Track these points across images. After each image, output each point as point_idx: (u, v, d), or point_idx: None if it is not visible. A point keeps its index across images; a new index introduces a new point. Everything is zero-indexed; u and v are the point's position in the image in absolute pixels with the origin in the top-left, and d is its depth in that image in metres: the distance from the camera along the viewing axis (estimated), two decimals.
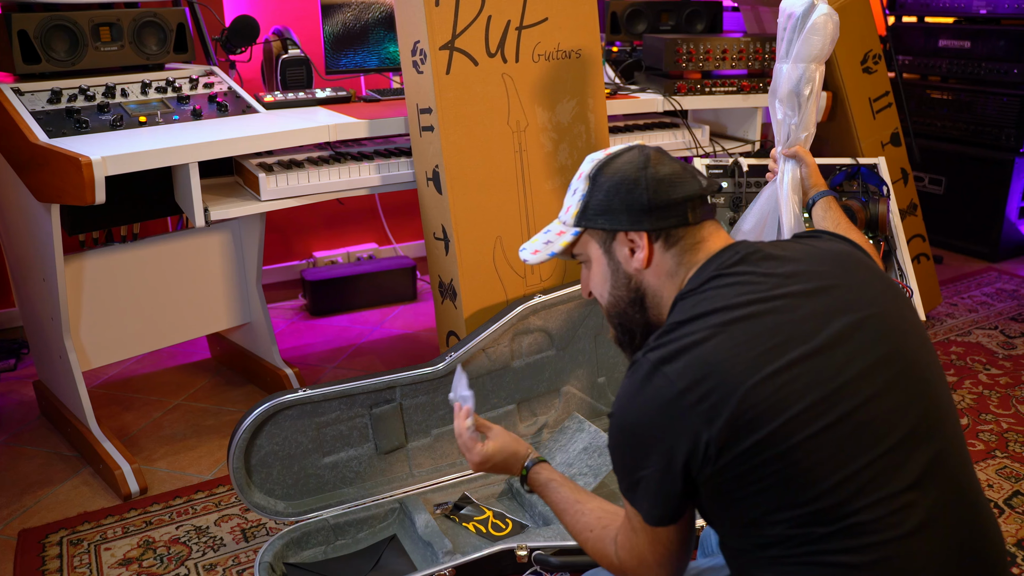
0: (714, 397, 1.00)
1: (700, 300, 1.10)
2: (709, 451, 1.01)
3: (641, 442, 1.06)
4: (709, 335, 1.04)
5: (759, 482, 1.01)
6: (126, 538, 2.10)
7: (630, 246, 1.21)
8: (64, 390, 2.46)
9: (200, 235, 2.67)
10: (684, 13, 3.32)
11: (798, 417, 1.00)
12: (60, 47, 2.30)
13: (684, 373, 1.02)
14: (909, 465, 1.02)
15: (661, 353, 1.05)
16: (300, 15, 3.42)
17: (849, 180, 2.43)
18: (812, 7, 1.81)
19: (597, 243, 1.25)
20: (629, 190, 1.20)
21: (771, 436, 0.99)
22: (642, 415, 1.05)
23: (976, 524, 1.08)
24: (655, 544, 1.12)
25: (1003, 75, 3.86)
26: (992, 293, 3.63)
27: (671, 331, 1.08)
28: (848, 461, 1.00)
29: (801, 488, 1.00)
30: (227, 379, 2.95)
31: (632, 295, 1.22)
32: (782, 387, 1.01)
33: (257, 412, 1.89)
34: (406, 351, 3.18)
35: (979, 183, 4.01)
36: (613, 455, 1.12)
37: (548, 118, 2.29)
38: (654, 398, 1.04)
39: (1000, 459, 2.39)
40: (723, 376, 1.01)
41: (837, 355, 1.04)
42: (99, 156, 1.92)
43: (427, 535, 1.90)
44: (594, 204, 1.23)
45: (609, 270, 1.24)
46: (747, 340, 1.03)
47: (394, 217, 3.93)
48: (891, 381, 1.06)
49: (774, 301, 1.07)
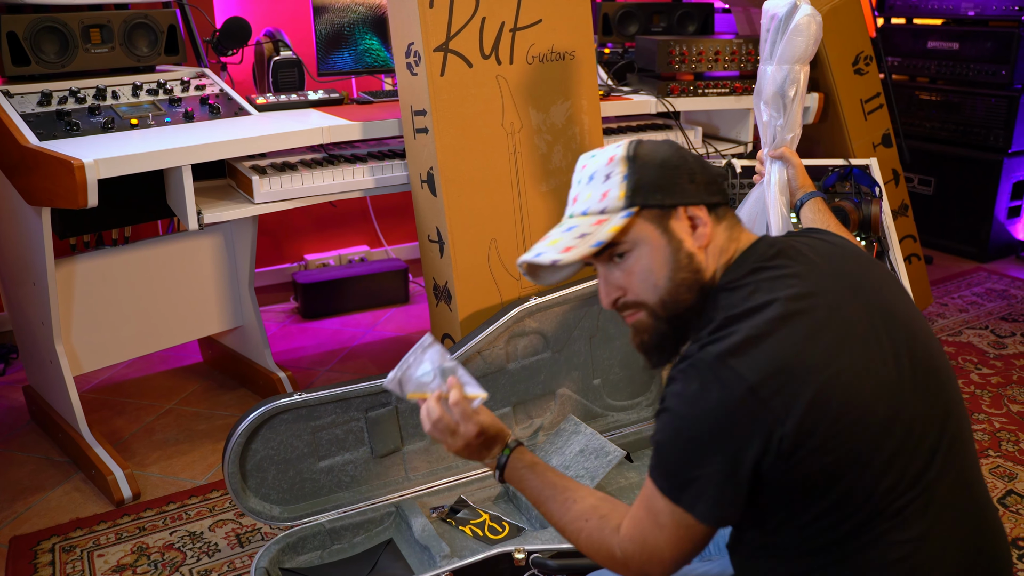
0: (787, 392, 0.98)
1: (749, 294, 1.06)
2: (783, 447, 0.98)
3: (705, 441, 1.00)
4: (772, 328, 1.01)
5: (819, 482, 1.00)
6: (119, 544, 2.08)
7: (691, 222, 1.14)
8: (55, 395, 2.44)
9: (192, 238, 2.66)
10: (676, 15, 3.32)
11: (866, 414, 1.00)
12: (50, 49, 2.28)
13: (754, 367, 0.98)
14: (935, 464, 1.04)
15: (723, 347, 1.01)
16: (291, 17, 3.40)
17: (841, 181, 2.44)
18: (795, 8, 1.81)
19: (652, 224, 1.13)
20: (678, 165, 1.15)
21: (840, 433, 0.99)
22: (709, 413, 0.99)
23: (981, 514, 1.10)
24: (684, 539, 1.06)
25: (991, 76, 3.89)
26: (982, 293, 3.66)
27: (726, 325, 1.03)
28: (900, 461, 1.01)
29: (856, 488, 1.00)
30: (219, 383, 2.93)
31: (694, 277, 1.13)
32: (851, 382, 1.00)
33: (252, 416, 1.87)
34: (399, 354, 3.12)
35: (968, 184, 4.03)
36: (663, 451, 1.05)
37: (542, 120, 2.29)
38: (724, 395, 0.98)
39: (993, 458, 2.40)
40: (796, 370, 0.99)
41: (878, 354, 1.05)
42: (91, 159, 1.90)
43: (424, 539, 1.89)
44: (647, 181, 1.14)
45: (669, 250, 1.13)
46: (810, 335, 1.01)
47: (385, 219, 3.92)
48: (919, 379, 1.07)
49: (820, 297, 1.06)
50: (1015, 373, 2.90)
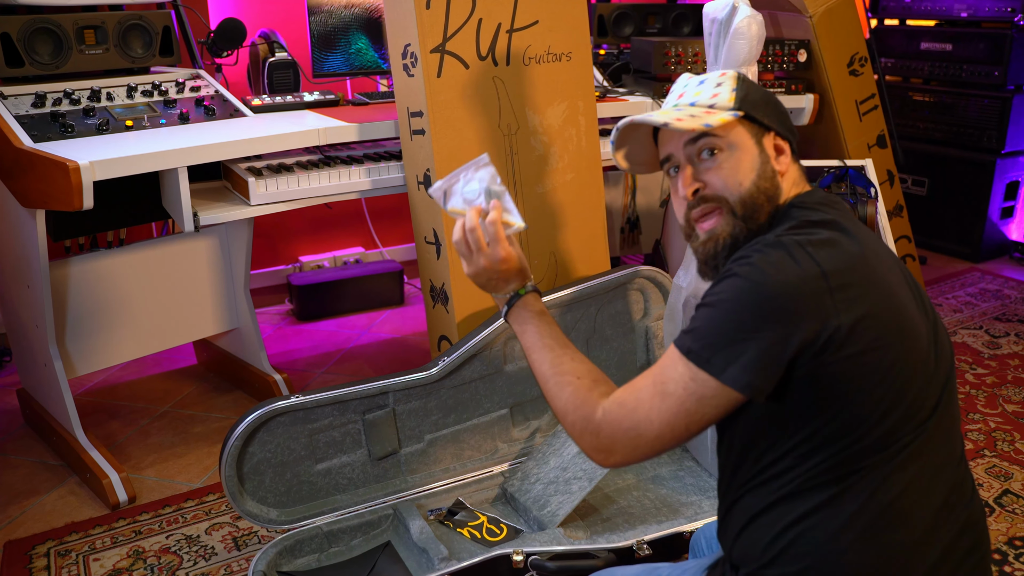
0: (856, 289, 1.03)
1: (824, 212, 1.14)
2: (836, 337, 1.01)
3: (765, 305, 1.02)
4: (846, 239, 1.08)
5: (853, 390, 1.03)
6: (115, 548, 2.07)
7: (777, 150, 1.24)
8: (49, 398, 2.42)
9: (187, 240, 2.65)
10: (670, 16, 3.33)
11: (905, 340, 1.06)
12: (44, 50, 2.27)
13: (830, 259, 1.04)
14: (935, 413, 1.09)
15: (803, 237, 1.07)
16: (286, 18, 3.40)
17: (837, 182, 2.45)
18: (734, 11, 1.79)
19: (749, 134, 1.22)
20: (775, 102, 1.26)
21: (881, 346, 1.03)
22: (779, 281, 1.02)
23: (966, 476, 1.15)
24: (683, 414, 1.06)
25: (984, 77, 3.90)
26: (976, 293, 3.67)
27: (805, 226, 1.11)
28: (914, 400, 1.06)
29: (877, 411, 1.04)
30: (214, 385, 2.92)
31: (773, 189, 1.20)
32: (902, 309, 1.07)
33: (249, 419, 1.87)
34: (395, 355, 3.16)
35: (961, 184, 4.05)
36: (715, 311, 1.06)
37: (539, 121, 2.29)
38: (797, 270, 1.03)
39: (989, 458, 2.41)
40: (868, 274, 1.06)
41: (915, 302, 1.12)
42: (87, 161, 1.89)
43: (422, 541, 1.89)
44: (755, 98, 1.24)
45: (760, 160, 1.21)
46: (878, 253, 1.10)
47: (380, 221, 3.91)
48: (936, 337, 1.13)
49: (870, 238, 1.14)
50: (1010, 373, 2.91)
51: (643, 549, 1.82)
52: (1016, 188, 4.06)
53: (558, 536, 1.87)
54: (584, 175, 2.37)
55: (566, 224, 2.36)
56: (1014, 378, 2.88)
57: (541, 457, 2.18)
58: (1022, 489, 2.26)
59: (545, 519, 1.96)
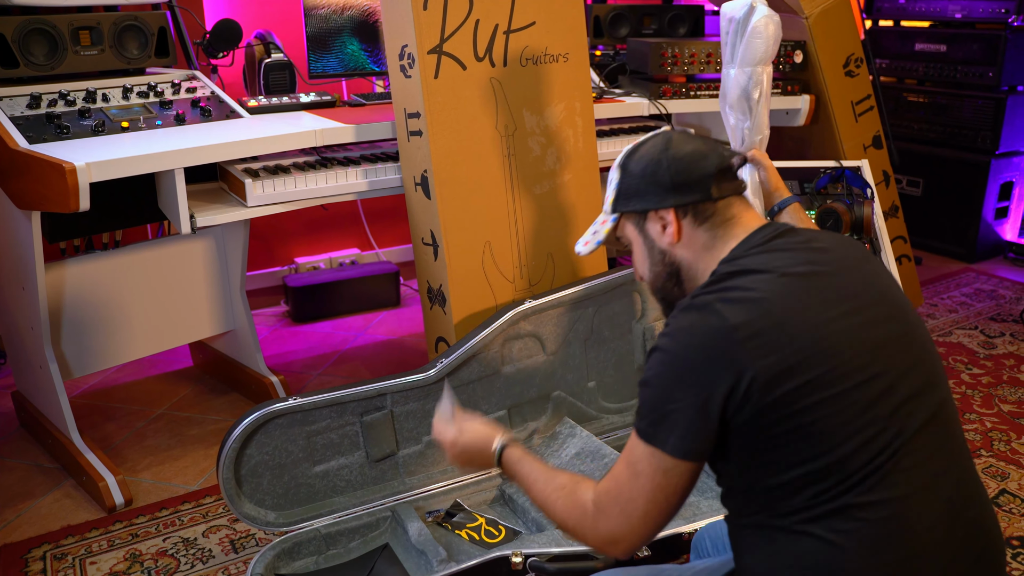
0: (765, 337, 1.06)
1: (746, 261, 1.17)
2: (752, 389, 1.04)
3: (684, 372, 1.09)
4: (761, 286, 1.11)
5: (793, 431, 1.05)
6: (112, 551, 2.06)
7: (661, 223, 1.28)
8: (44, 401, 2.41)
9: (183, 242, 2.64)
10: (666, 17, 3.33)
11: (839, 368, 1.06)
12: (39, 51, 2.26)
13: (738, 312, 1.07)
14: (914, 426, 1.09)
15: (715, 296, 1.11)
16: (282, 19, 3.39)
17: (833, 183, 2.45)
18: (752, 10, 1.81)
19: (633, 225, 1.33)
20: (653, 171, 1.28)
21: (814, 382, 1.05)
22: (689, 346, 1.09)
23: (969, 484, 1.14)
24: (658, 489, 1.11)
25: (978, 78, 3.91)
26: (971, 293, 3.68)
27: (720, 281, 1.14)
28: (871, 423, 1.06)
29: (828, 440, 1.05)
30: (210, 387, 2.91)
31: (668, 269, 1.29)
32: (829, 336, 1.08)
33: (247, 421, 1.86)
34: (392, 357, 3.16)
35: (956, 185, 4.06)
36: (647, 389, 1.12)
37: (536, 122, 2.29)
38: (705, 330, 1.08)
39: (986, 458, 2.41)
40: (775, 319, 1.07)
41: (869, 317, 1.12)
42: (83, 162, 1.89)
43: (420, 543, 1.88)
44: (625, 189, 1.32)
45: (646, 248, 1.31)
46: (797, 292, 1.11)
47: (376, 222, 3.90)
48: (907, 348, 1.13)
49: (815, 265, 1.15)
50: (1005, 373, 2.92)
51: (642, 550, 1.82)
52: (1010, 188, 4.07)
53: (557, 537, 1.86)
54: (581, 176, 2.37)
55: (564, 225, 2.36)
56: (1010, 378, 2.89)
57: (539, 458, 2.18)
58: (1019, 488, 2.27)
59: (543, 520, 1.96)
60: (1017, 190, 4.11)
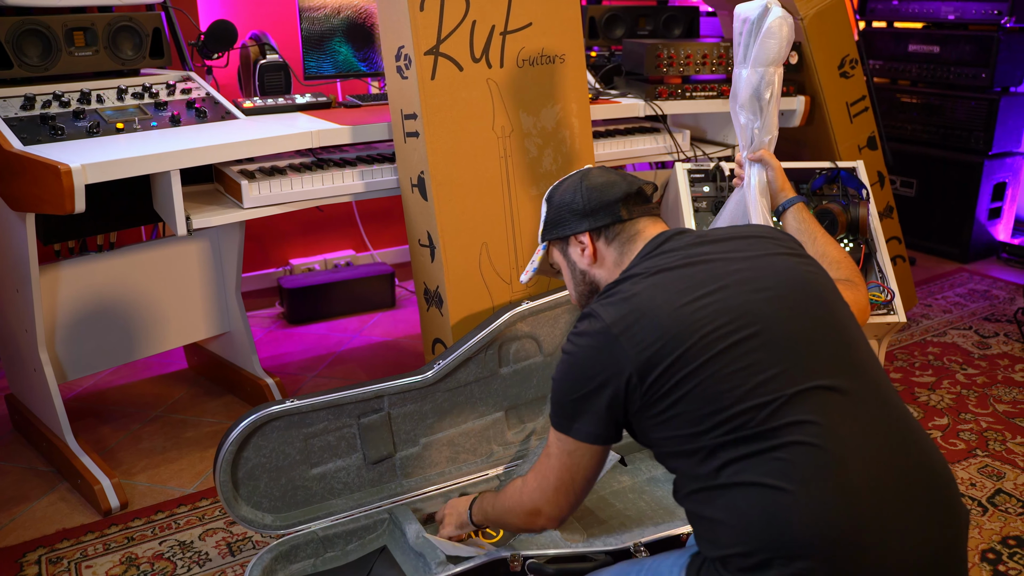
0: (635, 328, 1.23)
1: (634, 270, 1.35)
2: (632, 380, 1.22)
3: (579, 369, 1.29)
4: (635, 286, 1.29)
5: (680, 402, 1.19)
6: (108, 555, 2.05)
7: (580, 247, 1.47)
8: (38, 403, 2.40)
9: (178, 244, 2.63)
10: (662, 18, 3.34)
11: (708, 336, 1.19)
12: (33, 52, 2.25)
13: (613, 312, 1.27)
14: (825, 369, 1.19)
15: (599, 303, 1.31)
16: (277, 20, 3.38)
17: (829, 184, 2.46)
18: (766, 11, 1.82)
19: (559, 251, 1.54)
20: (570, 201, 1.48)
21: (684, 355, 1.19)
22: (582, 346, 1.29)
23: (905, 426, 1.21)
24: (565, 468, 1.36)
25: (971, 79, 3.93)
26: (965, 294, 3.69)
27: (608, 289, 1.34)
28: (761, 371, 1.17)
29: (717, 399, 1.17)
30: (205, 390, 2.90)
31: (589, 288, 1.49)
32: (694, 313, 1.22)
33: (244, 424, 1.85)
34: (387, 359, 3.15)
35: (950, 185, 4.07)
36: (555, 384, 1.33)
37: (533, 123, 2.28)
38: (591, 332, 1.28)
39: (981, 458, 2.42)
40: (642, 311, 1.24)
41: (746, 288, 1.25)
42: (79, 164, 1.87)
43: (418, 545, 1.88)
44: (550, 220, 1.52)
45: (570, 270, 1.52)
46: (665, 284, 1.28)
47: (371, 223, 3.90)
48: (798, 309, 1.24)
49: (692, 259, 1.31)
50: (1000, 373, 2.93)
51: (640, 551, 1.82)
52: (1003, 189, 4.09)
53: (555, 539, 1.86)
54: None
55: None
56: (1004, 378, 2.90)
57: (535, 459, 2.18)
58: (1015, 488, 2.27)
59: None
60: (1010, 191, 4.13)
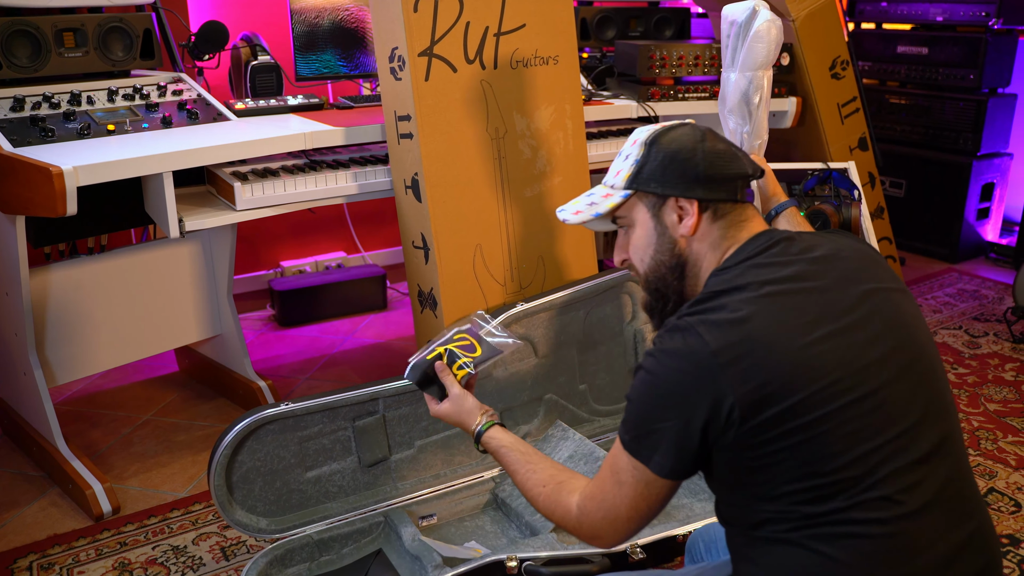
0: (745, 362, 1.05)
1: (736, 275, 1.15)
2: (733, 415, 1.05)
3: (666, 394, 1.09)
4: (745, 306, 1.09)
5: (780, 452, 1.05)
6: (100, 560, 2.03)
7: (679, 212, 1.25)
8: (28, 407, 2.38)
9: (169, 246, 2.61)
10: (653, 19, 3.34)
11: (825, 390, 1.04)
12: (22, 53, 2.23)
13: (719, 337, 1.06)
14: (920, 444, 1.07)
15: (699, 318, 1.10)
16: (268, 21, 3.36)
17: (821, 184, 2.46)
18: (754, 14, 1.81)
19: (646, 207, 1.28)
20: (686, 159, 1.24)
21: (798, 405, 1.04)
22: (672, 369, 1.09)
23: (976, 506, 1.13)
24: (640, 498, 1.15)
25: (960, 80, 3.96)
26: (954, 294, 3.71)
27: (708, 300, 1.13)
28: (866, 439, 1.04)
29: (819, 461, 1.04)
30: (197, 393, 2.88)
31: (675, 260, 1.26)
32: (812, 359, 1.06)
33: (239, 428, 1.84)
34: (380, 361, 3.14)
35: (938, 186, 4.10)
36: (632, 405, 1.14)
37: (526, 125, 2.28)
38: (687, 354, 1.08)
39: (974, 457, 2.43)
40: (756, 344, 1.06)
41: (860, 337, 1.10)
42: (70, 166, 1.86)
43: (414, 548, 1.87)
44: (649, 169, 1.26)
45: (656, 234, 1.27)
46: (781, 312, 1.09)
47: (362, 225, 3.88)
48: (905, 368, 1.11)
49: (805, 281, 1.13)
50: (990, 372, 2.95)
51: (637, 553, 1.82)
52: (991, 189, 4.12)
53: (551, 541, 1.86)
54: (572, 178, 2.37)
55: (554, 228, 2.35)
56: (995, 377, 2.92)
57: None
58: (1007, 487, 2.29)
59: (537, 524, 1.96)
60: (998, 191, 4.15)
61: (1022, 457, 2.43)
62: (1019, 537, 2.08)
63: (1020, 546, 2.05)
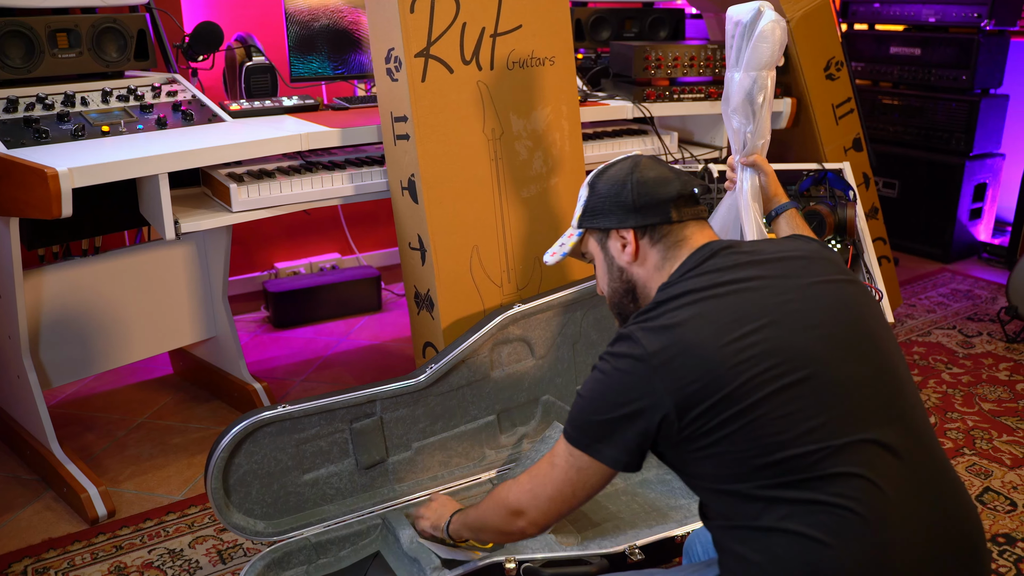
0: (676, 362, 1.15)
1: (677, 287, 1.25)
2: (670, 412, 1.15)
3: (609, 393, 1.21)
4: (680, 312, 1.20)
5: (722, 442, 1.13)
6: (95, 564, 2.02)
7: (621, 242, 1.38)
8: (22, 411, 2.36)
9: (164, 248, 2.60)
10: (647, 20, 3.34)
11: (756, 378, 1.12)
12: (15, 54, 2.21)
13: (654, 341, 1.18)
14: (875, 417, 1.14)
15: (639, 326, 1.22)
16: (262, 21, 3.35)
17: (816, 185, 2.47)
18: (759, 15, 1.81)
19: (596, 241, 1.44)
20: (617, 193, 1.38)
21: (728, 396, 1.12)
22: (617, 369, 1.20)
23: (949, 487, 1.16)
24: (567, 482, 1.26)
25: (952, 81, 3.97)
26: (947, 293, 3.73)
27: (650, 310, 1.24)
28: (811, 416, 1.11)
29: (765, 445, 1.11)
30: (192, 395, 2.87)
31: (625, 286, 1.40)
32: (740, 352, 1.14)
33: (236, 430, 1.83)
34: (376, 362, 3.13)
35: (931, 186, 4.11)
36: (580, 400, 1.25)
37: (523, 126, 2.28)
38: (628, 357, 1.19)
39: (969, 456, 2.44)
40: (685, 345, 1.16)
41: (798, 325, 1.18)
42: (65, 167, 1.85)
43: (413, 551, 1.86)
44: (591, 207, 1.42)
45: (607, 264, 1.42)
46: (712, 313, 1.18)
47: (357, 226, 3.87)
48: (850, 348, 1.18)
49: (741, 283, 1.22)
50: (984, 372, 2.96)
51: (636, 554, 1.82)
52: (984, 190, 4.14)
53: (550, 543, 1.86)
54: (568, 179, 2.37)
55: (551, 229, 2.35)
56: (989, 377, 2.93)
57: (529, 463, 2.17)
58: (1002, 486, 2.30)
59: None
60: (990, 191, 4.17)
61: (1017, 456, 2.44)
62: (1015, 536, 2.09)
63: (1016, 545, 2.06)
